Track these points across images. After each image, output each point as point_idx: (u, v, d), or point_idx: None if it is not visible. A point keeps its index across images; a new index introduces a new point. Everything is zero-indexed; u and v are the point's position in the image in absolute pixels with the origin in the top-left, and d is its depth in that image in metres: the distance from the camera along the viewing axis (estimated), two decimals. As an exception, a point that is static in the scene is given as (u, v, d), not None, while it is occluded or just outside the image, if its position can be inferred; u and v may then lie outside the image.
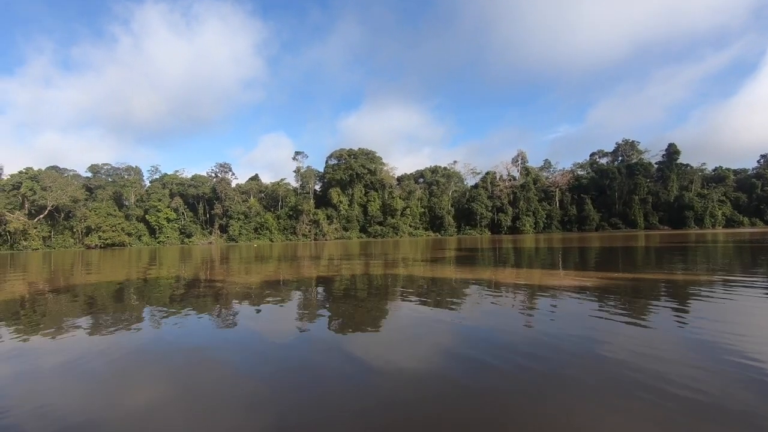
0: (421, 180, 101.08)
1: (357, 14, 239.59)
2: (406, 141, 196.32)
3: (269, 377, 3.36)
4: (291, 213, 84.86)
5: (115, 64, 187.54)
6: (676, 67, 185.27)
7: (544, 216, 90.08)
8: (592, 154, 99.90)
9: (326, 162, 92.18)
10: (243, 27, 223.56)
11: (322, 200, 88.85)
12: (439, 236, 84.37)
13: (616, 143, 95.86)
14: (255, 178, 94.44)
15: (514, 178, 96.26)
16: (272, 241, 76.09)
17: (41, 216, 66.13)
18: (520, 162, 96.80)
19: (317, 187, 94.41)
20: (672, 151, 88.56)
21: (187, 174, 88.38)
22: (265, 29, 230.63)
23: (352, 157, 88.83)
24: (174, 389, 3.19)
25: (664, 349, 3.79)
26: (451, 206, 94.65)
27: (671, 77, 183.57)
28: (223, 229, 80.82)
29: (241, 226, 79.56)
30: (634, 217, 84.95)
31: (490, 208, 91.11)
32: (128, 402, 2.97)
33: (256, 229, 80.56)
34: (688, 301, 6.06)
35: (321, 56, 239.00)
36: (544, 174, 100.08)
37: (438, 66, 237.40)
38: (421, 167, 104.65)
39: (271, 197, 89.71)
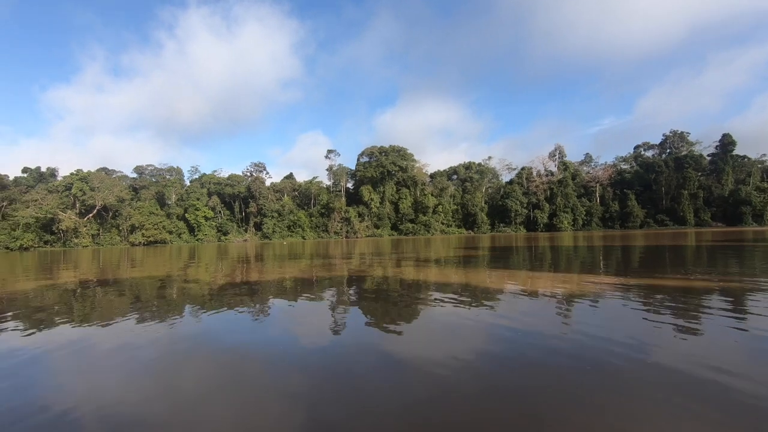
0: (455, 177, 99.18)
1: (392, 9, 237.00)
2: (443, 137, 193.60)
3: (308, 373, 3.40)
4: (323, 211, 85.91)
5: (161, 69, 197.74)
6: (738, 50, 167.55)
7: (584, 212, 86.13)
8: (637, 147, 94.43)
9: (358, 160, 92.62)
10: (280, 27, 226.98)
11: (354, 198, 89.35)
12: (472, 234, 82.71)
13: (664, 135, 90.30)
14: (290, 176, 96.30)
15: (552, 174, 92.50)
16: (304, 239, 77.33)
17: (90, 215, 70.58)
18: (557, 156, 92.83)
19: (349, 185, 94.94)
20: (727, 142, 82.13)
21: (224, 174, 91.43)
22: (302, 29, 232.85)
23: (383, 154, 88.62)
24: (219, 381, 3.32)
25: (716, 356, 3.53)
26: (485, 203, 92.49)
27: (731, 61, 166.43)
28: (258, 227, 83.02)
29: (274, 224, 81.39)
30: (683, 214, 79.56)
31: (525, 205, 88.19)
32: (178, 392, 3.12)
33: (289, 227, 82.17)
34: (745, 307, 5.53)
35: (356, 53, 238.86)
36: (585, 169, 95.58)
37: (475, 60, 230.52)
38: (457, 164, 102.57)
39: (304, 195, 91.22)
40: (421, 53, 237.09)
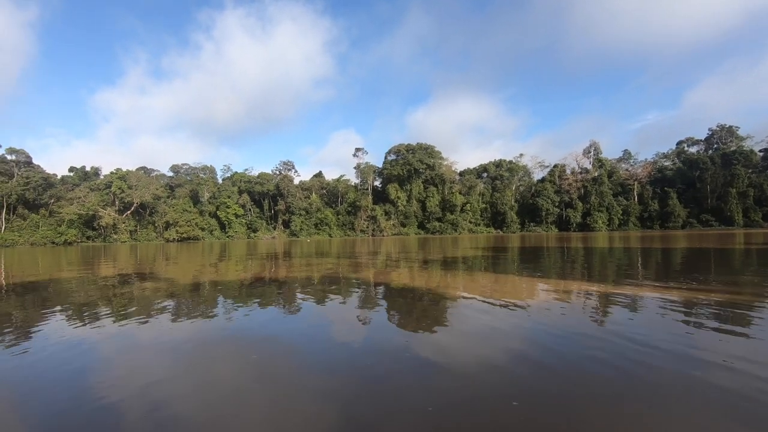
0: (485, 175, 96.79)
1: (424, 4, 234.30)
2: (476, 134, 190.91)
3: (338, 371, 3.42)
4: (349, 209, 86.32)
5: (199, 71, 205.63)
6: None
7: (620, 212, 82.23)
8: (680, 143, 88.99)
9: (385, 158, 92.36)
10: (313, 26, 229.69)
11: (381, 196, 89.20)
12: (501, 233, 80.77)
13: (710, 129, 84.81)
14: (319, 175, 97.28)
15: (586, 171, 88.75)
16: (331, 237, 77.94)
17: (128, 212, 73.99)
18: (592, 153, 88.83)
19: (377, 183, 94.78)
20: (780, 137, 76.11)
21: (255, 172, 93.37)
22: (335, 27, 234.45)
23: (410, 152, 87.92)
24: (251, 376, 3.37)
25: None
26: (515, 202, 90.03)
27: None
28: (286, 224, 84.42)
29: (302, 222, 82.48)
30: (730, 213, 74.43)
31: (557, 204, 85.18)
32: (213, 385, 3.20)
33: (316, 225, 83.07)
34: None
35: (389, 51, 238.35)
36: (623, 166, 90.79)
37: (509, 55, 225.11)
38: (488, 161, 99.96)
39: (332, 194, 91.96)
40: (454, 49, 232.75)
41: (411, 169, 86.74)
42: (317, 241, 51.92)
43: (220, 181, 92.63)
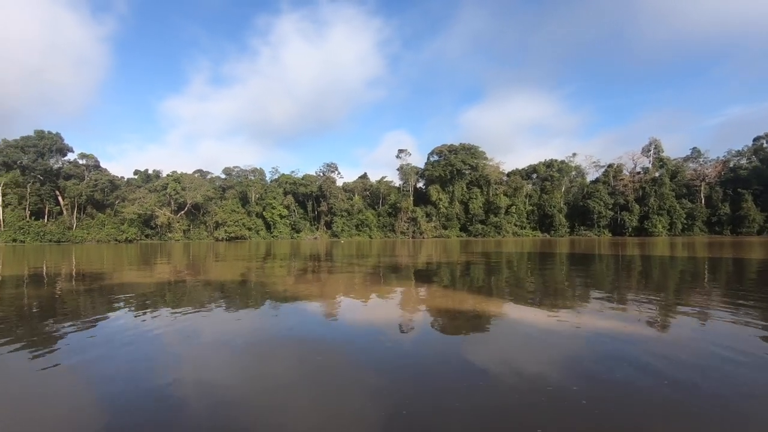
0: (534, 175, 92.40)
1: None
2: (533, 133, 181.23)
3: (385, 369, 3.44)
4: (390, 210, 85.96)
5: (257, 75, 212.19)
6: None
7: (683, 215, 75.30)
8: (757, 139, 78.30)
9: (427, 158, 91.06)
10: (366, 27, 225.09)
11: (423, 198, 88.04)
12: (548, 237, 76.83)
13: (792, 124, 75.12)
14: (363, 176, 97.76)
15: (645, 171, 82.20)
16: (371, 238, 77.97)
17: (182, 212, 78.33)
18: (652, 152, 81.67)
19: (420, 185, 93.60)
20: None
21: (300, 174, 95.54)
22: (387, 27, 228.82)
23: (453, 152, 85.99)
24: (302, 370, 3.48)
25: None
26: (564, 204, 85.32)
27: None
28: (328, 225, 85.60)
29: (343, 223, 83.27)
30: (818, 218, 65.73)
31: (610, 206, 79.57)
32: (265, 378, 3.33)
33: (357, 226, 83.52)
34: None
35: (441, 48, 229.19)
36: (690, 165, 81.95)
37: (570, 47, 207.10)
38: (540, 161, 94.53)
39: (374, 195, 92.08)
40: (509, 43, 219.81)
41: (453, 170, 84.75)
42: (358, 243, 52.13)
43: (268, 182, 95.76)
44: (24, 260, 20.23)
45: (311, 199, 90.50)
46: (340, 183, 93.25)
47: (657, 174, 78.99)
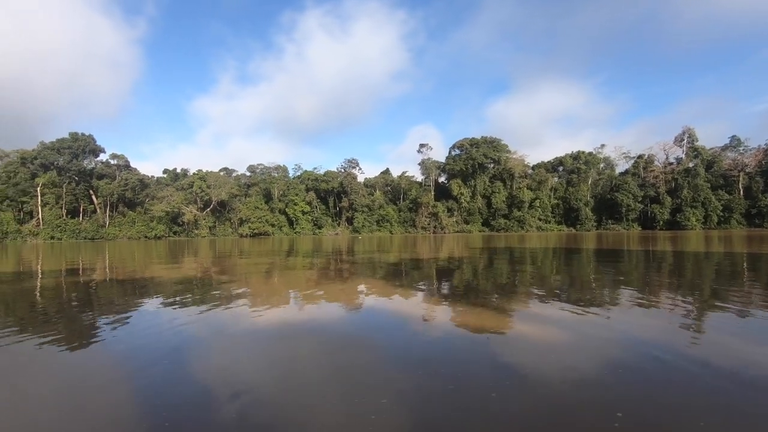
0: (561, 168, 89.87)
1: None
2: (563, 124, 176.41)
3: (413, 369, 3.35)
4: (411, 206, 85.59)
5: (282, 73, 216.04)
6: None
7: (720, 207, 71.67)
8: (799, 126, 74.53)
9: (449, 152, 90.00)
10: (389, 20, 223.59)
11: (444, 192, 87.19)
12: (574, 231, 74.83)
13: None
14: (386, 172, 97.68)
15: (678, 162, 78.65)
16: (392, 234, 77.93)
17: (208, 209, 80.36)
18: (686, 141, 77.86)
19: (442, 179, 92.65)
20: None
21: (322, 170, 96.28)
22: (411, 19, 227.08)
23: (474, 146, 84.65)
24: (329, 367, 3.45)
25: None
26: (591, 197, 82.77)
27: None
28: (350, 221, 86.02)
29: (364, 219, 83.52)
30: None
31: (640, 199, 76.63)
32: (294, 373, 3.33)
33: (378, 222, 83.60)
34: None
35: (466, 38, 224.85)
36: (729, 155, 76.79)
37: (602, 33, 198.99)
38: (567, 153, 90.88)
39: (396, 190, 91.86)
40: (537, 31, 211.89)
41: (475, 164, 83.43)
42: (378, 238, 52.17)
43: (291, 179, 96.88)
44: (62, 257, 21.14)
45: (333, 195, 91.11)
46: (361, 179, 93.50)
47: (691, 164, 75.52)
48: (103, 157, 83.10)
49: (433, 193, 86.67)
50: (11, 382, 3.27)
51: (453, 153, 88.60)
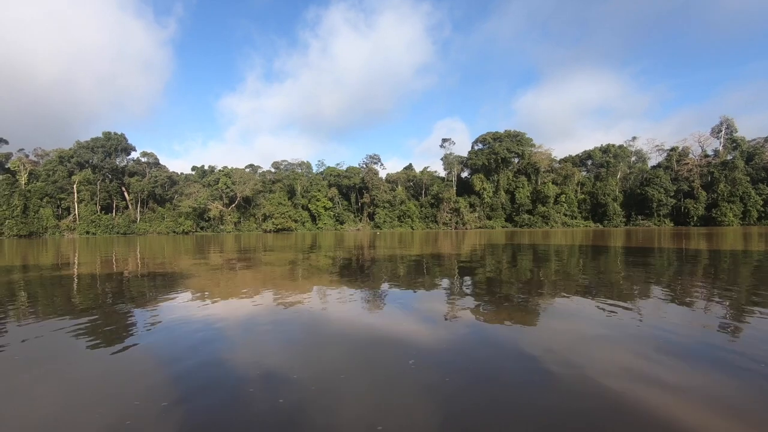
0: (589, 162, 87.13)
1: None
2: (597, 116, 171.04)
3: (438, 364, 3.33)
4: (432, 201, 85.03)
5: (308, 69, 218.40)
6: None
7: (760, 202, 67.82)
8: None
9: (471, 147, 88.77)
10: (414, 12, 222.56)
11: (467, 187, 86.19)
12: (601, 227, 72.60)
13: None
14: (408, 167, 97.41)
15: (715, 154, 74.83)
16: (413, 229, 77.68)
17: (233, 205, 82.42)
18: (723, 132, 73.86)
19: (465, 174, 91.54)
20: None
21: (344, 166, 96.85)
22: (437, 11, 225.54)
23: (497, 140, 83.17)
24: (354, 361, 3.48)
25: None
26: (620, 192, 79.97)
27: None
28: (371, 216, 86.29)
29: (386, 214, 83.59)
30: None
31: (672, 194, 73.44)
32: (320, 365, 3.37)
33: (399, 217, 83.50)
34: None
35: (494, 29, 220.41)
36: None
37: (637, 18, 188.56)
38: (596, 147, 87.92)
39: (417, 185, 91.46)
40: (567, 19, 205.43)
41: (498, 159, 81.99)
42: (399, 234, 52.22)
43: (314, 175, 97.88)
44: (96, 251, 22.10)
45: (354, 191, 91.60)
46: (383, 174, 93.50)
47: (729, 157, 71.80)
48: (134, 155, 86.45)
49: (455, 189, 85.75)
50: (56, 368, 3.45)
51: (475, 147, 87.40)
